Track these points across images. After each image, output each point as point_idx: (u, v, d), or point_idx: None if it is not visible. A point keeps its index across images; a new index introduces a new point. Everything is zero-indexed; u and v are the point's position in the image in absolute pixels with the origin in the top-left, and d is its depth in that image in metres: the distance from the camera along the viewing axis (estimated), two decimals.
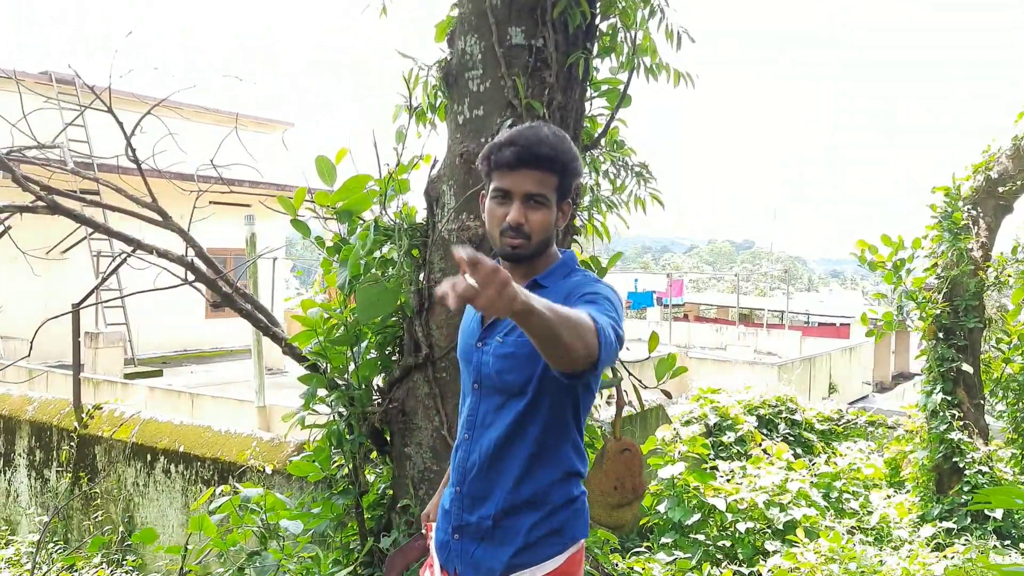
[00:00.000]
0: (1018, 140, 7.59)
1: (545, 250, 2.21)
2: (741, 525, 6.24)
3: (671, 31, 3.95)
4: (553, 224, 2.18)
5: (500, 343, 2.16)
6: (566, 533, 2.16)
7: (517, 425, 2.14)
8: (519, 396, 2.14)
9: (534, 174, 2.12)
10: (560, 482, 2.15)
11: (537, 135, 2.13)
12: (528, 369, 2.11)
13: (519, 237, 2.14)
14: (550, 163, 2.12)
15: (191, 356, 16.34)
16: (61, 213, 3.49)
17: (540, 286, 2.17)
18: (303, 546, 3.70)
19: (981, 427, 7.45)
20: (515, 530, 2.13)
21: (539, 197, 2.13)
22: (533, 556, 2.13)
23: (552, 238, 2.22)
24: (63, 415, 6.76)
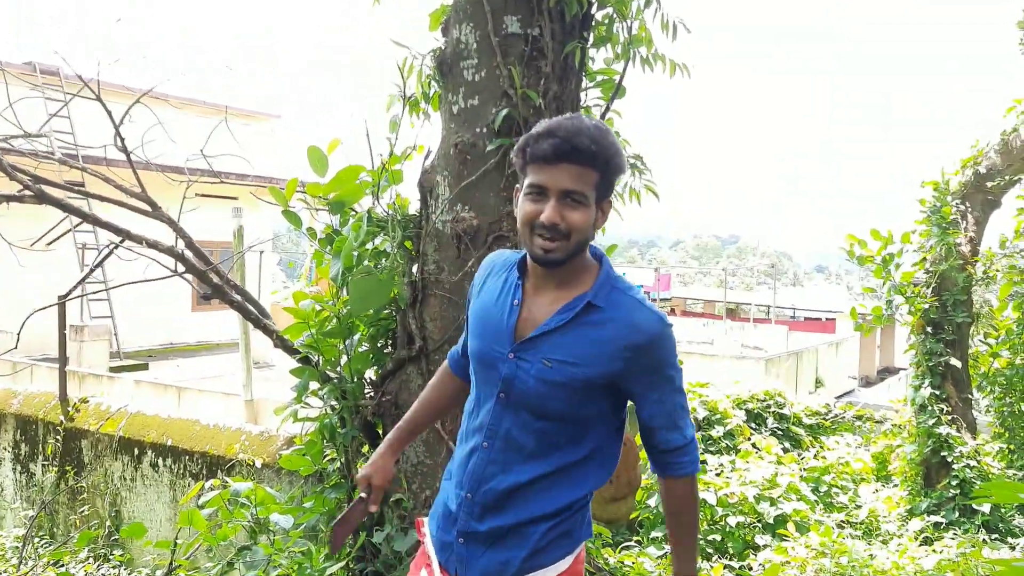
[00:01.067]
0: (1006, 135, 7.61)
1: (580, 254, 2.03)
2: (731, 519, 6.24)
3: (667, 22, 3.92)
4: (592, 225, 1.99)
5: (547, 367, 2.01)
6: (574, 535, 2.12)
7: (550, 448, 2.06)
8: (557, 421, 2.05)
9: (573, 169, 1.94)
10: (580, 501, 2.11)
11: (577, 126, 1.94)
12: (574, 401, 2.03)
13: (556, 239, 1.96)
14: (591, 157, 1.93)
15: (177, 349, 16.24)
16: (49, 203, 3.43)
17: (595, 307, 2.02)
18: (294, 541, 3.66)
19: (969, 421, 7.48)
20: (527, 535, 2.06)
21: (577, 195, 1.95)
22: (545, 558, 2.08)
23: (588, 242, 2.03)
24: (49, 408, 6.68)
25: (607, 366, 2.00)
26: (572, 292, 2.05)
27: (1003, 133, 7.60)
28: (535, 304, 2.08)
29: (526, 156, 1.99)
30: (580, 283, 2.05)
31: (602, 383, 2.02)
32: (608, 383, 2.02)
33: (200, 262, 3.76)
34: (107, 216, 3.92)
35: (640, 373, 2.02)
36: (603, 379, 2.01)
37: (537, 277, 2.10)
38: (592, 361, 2.00)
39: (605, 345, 2.00)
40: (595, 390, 2.03)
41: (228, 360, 14.45)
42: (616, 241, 4.36)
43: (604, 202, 2.03)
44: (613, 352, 1.99)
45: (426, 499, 3.51)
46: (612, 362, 1.99)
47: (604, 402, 2.07)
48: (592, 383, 2.01)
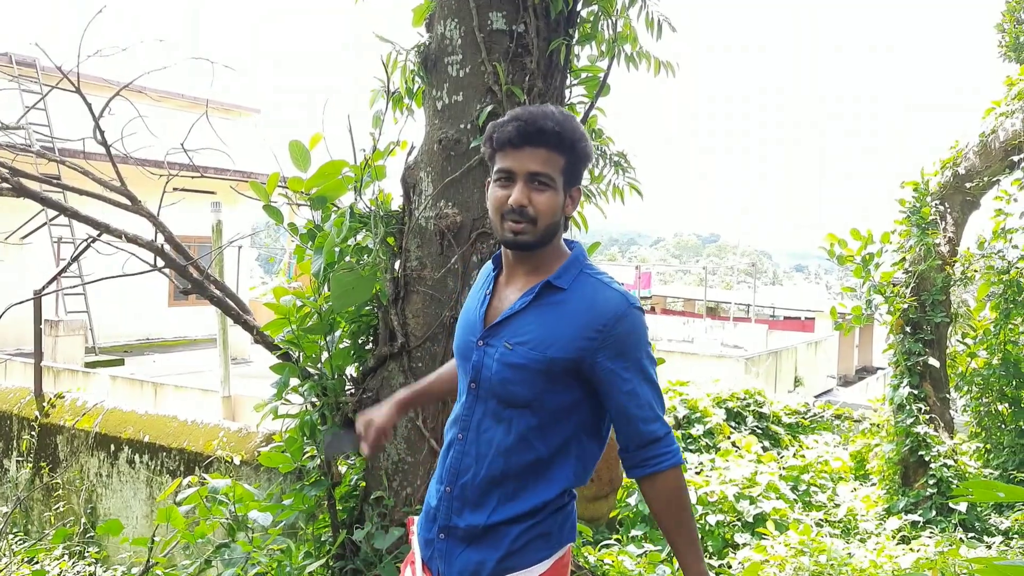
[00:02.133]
0: (985, 137, 7.66)
1: (552, 239, 2.05)
2: (711, 518, 6.25)
3: (652, 19, 3.91)
4: (560, 209, 2.02)
5: (508, 350, 2.02)
6: (553, 538, 2.07)
7: (519, 439, 2.03)
8: (523, 409, 2.03)
9: (539, 152, 1.98)
10: (557, 499, 2.05)
11: (542, 111, 2.00)
12: (537, 385, 2.00)
13: (522, 221, 1.99)
14: (556, 139, 1.98)
15: (154, 345, 16.09)
16: (28, 196, 3.38)
17: (555, 288, 2.03)
18: (274, 538, 3.63)
19: (947, 421, 7.53)
20: (501, 535, 2.04)
21: (544, 177, 1.99)
22: (520, 560, 2.05)
23: (559, 227, 2.06)
24: (23, 404, 6.60)
25: (567, 347, 1.97)
26: (540, 278, 2.06)
27: (981, 134, 7.65)
28: (505, 292, 2.12)
29: (493, 143, 2.03)
30: (549, 270, 2.07)
31: (564, 367, 1.98)
32: (572, 368, 1.98)
33: (180, 257, 3.72)
34: (84, 210, 3.87)
35: (605, 358, 1.96)
36: (565, 362, 1.97)
37: (510, 267, 2.13)
38: (552, 342, 1.99)
39: (566, 326, 1.99)
40: (558, 375, 1.99)
41: (205, 356, 14.34)
42: (597, 238, 4.35)
43: (573, 189, 2.06)
44: (574, 333, 1.97)
45: (406, 497, 3.49)
46: (573, 343, 1.97)
47: (572, 391, 2.01)
48: (553, 365, 1.98)
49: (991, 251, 8.19)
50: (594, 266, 2.11)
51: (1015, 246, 8.11)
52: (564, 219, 2.07)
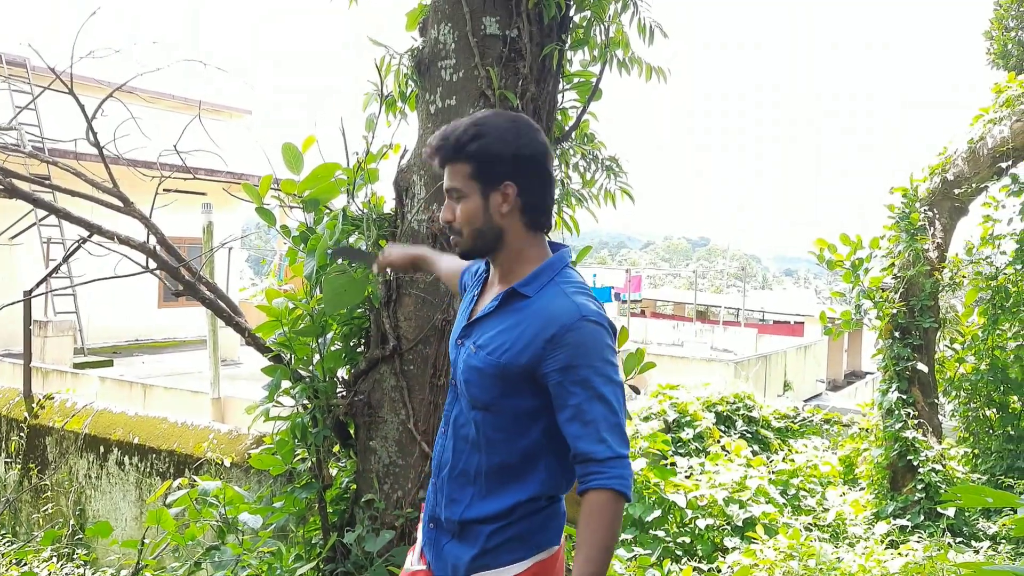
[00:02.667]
0: (973, 143, 7.70)
1: (495, 244, 2.09)
2: (701, 522, 6.27)
3: (643, 25, 3.93)
4: (481, 212, 2.05)
5: (472, 352, 2.08)
6: (530, 540, 2.07)
7: (486, 441, 2.07)
8: (484, 411, 2.07)
9: (448, 168, 2.09)
10: (527, 503, 2.06)
11: (442, 131, 2.10)
12: (494, 389, 2.04)
13: (455, 233, 2.11)
14: (449, 152, 2.05)
15: (143, 346, 16.03)
16: (20, 197, 3.37)
17: (520, 295, 2.06)
18: (264, 541, 3.63)
19: (935, 426, 7.56)
20: (476, 534, 2.08)
21: (455, 191, 2.08)
22: (493, 560, 2.07)
23: (495, 231, 2.07)
24: (12, 405, 6.57)
25: (520, 355, 1.99)
26: (510, 283, 2.10)
27: (970, 141, 7.69)
28: (488, 293, 2.19)
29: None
30: (519, 275, 2.10)
31: (518, 373, 1.99)
32: (525, 375, 1.99)
33: (172, 259, 3.71)
34: (75, 211, 3.86)
35: (553, 369, 1.95)
36: (518, 368, 1.99)
37: (492, 272, 2.20)
38: (507, 349, 2.01)
39: (521, 334, 2.00)
40: (513, 381, 2.01)
41: (195, 357, 14.29)
42: (586, 241, 4.36)
43: (502, 186, 2.04)
44: (527, 341, 1.98)
45: (397, 500, 3.49)
46: (525, 351, 1.98)
47: (533, 398, 2.02)
48: (507, 372, 2.00)
49: (979, 257, 8.24)
50: (572, 273, 2.11)
51: (1003, 252, 8.16)
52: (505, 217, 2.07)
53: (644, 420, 8.85)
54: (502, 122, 2.07)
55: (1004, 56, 12.64)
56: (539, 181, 2.08)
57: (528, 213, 2.08)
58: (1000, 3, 12.75)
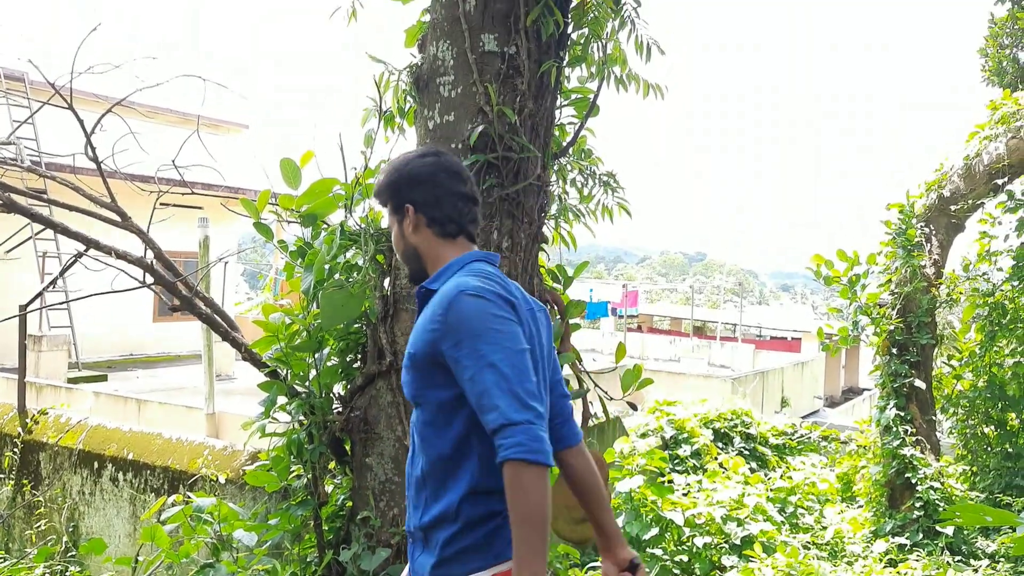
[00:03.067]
0: (969, 160, 7.71)
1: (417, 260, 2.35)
2: (699, 540, 6.23)
3: (641, 42, 3.94)
4: (400, 239, 2.36)
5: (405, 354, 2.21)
6: (488, 551, 2.07)
7: (423, 438, 2.16)
8: (417, 408, 2.19)
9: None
10: (469, 498, 2.07)
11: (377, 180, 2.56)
12: (416, 382, 2.16)
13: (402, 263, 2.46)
14: (377, 199, 2.42)
15: (137, 361, 15.98)
16: (18, 211, 3.36)
17: (430, 292, 2.24)
18: (259, 558, 3.60)
19: (933, 443, 7.54)
20: (434, 542, 2.12)
21: (389, 228, 2.42)
22: (451, 570, 2.09)
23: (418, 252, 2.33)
24: (6, 420, 6.53)
25: (419, 342, 2.12)
26: None
27: (966, 158, 7.70)
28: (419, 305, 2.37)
29: None
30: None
31: (424, 361, 2.11)
32: (431, 361, 2.09)
33: (169, 273, 3.70)
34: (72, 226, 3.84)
35: (447, 347, 2.04)
36: (422, 356, 2.11)
37: None
38: (413, 339, 2.16)
39: (421, 322, 2.16)
40: (425, 369, 2.11)
41: (189, 372, 14.25)
42: (583, 255, 4.35)
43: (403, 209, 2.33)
44: (423, 327, 2.12)
45: (393, 517, 3.47)
46: (423, 337, 2.11)
47: (449, 387, 2.08)
48: (416, 362, 2.13)
49: (976, 274, 8.24)
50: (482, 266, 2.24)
51: (1000, 269, 8.17)
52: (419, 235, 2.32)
53: (642, 437, 8.83)
54: (398, 157, 2.40)
55: (999, 73, 12.69)
56: (432, 195, 2.30)
57: (433, 224, 2.30)
58: (995, 21, 12.82)
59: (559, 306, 3.81)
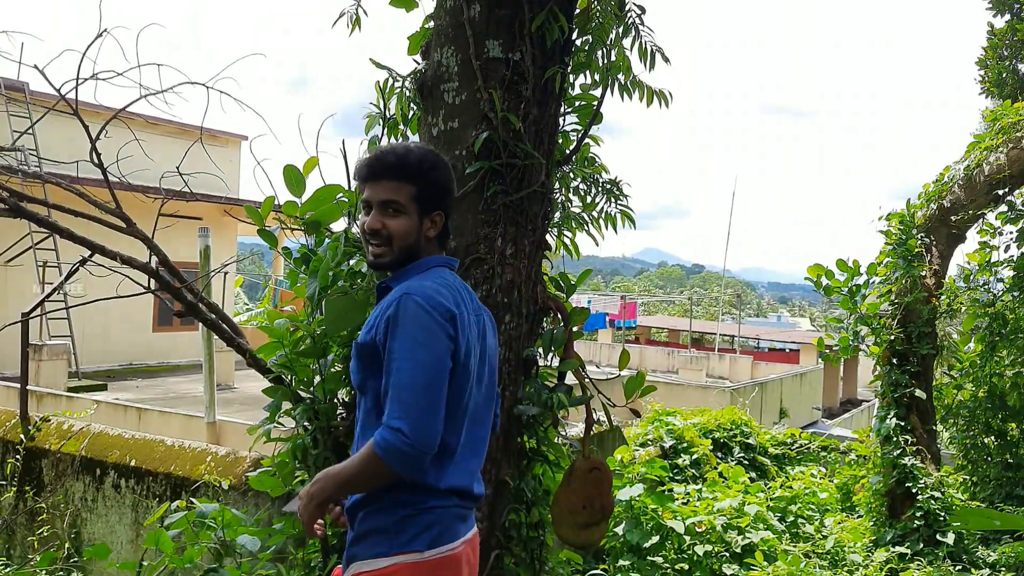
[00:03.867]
0: (970, 170, 7.73)
1: (411, 259, 2.31)
2: (699, 548, 6.22)
3: (645, 49, 3.95)
4: (415, 232, 2.29)
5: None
6: (395, 538, 2.13)
7: (362, 425, 2.27)
8: (361, 395, 2.28)
9: (389, 183, 2.27)
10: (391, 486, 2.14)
11: (391, 149, 2.32)
12: (360, 372, 2.24)
13: (380, 244, 2.28)
14: (402, 170, 2.27)
15: (137, 370, 15.99)
16: (26, 217, 3.38)
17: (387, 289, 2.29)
18: (262, 563, 3.60)
19: (933, 453, 7.53)
20: (353, 519, 2.22)
21: (395, 204, 2.27)
22: (359, 550, 2.18)
23: (417, 247, 2.31)
24: (8, 427, 6.53)
25: (367, 331, 2.22)
26: None
27: (967, 168, 7.71)
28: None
29: (358, 178, 2.35)
30: None
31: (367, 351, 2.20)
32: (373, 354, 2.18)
33: (174, 280, 3.71)
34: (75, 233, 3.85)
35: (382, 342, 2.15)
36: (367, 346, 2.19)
37: None
38: (364, 328, 2.25)
39: (372, 316, 2.25)
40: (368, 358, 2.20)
41: (189, 381, 14.26)
42: (582, 267, 4.35)
43: (433, 214, 2.32)
44: (373, 322, 2.22)
45: None
46: (370, 331, 2.21)
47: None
48: (362, 350, 2.22)
49: (976, 284, 8.26)
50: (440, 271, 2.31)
51: (1000, 279, 8.19)
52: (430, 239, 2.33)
53: (641, 446, 8.82)
54: (441, 158, 2.38)
55: (999, 84, 12.73)
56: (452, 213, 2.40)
57: (442, 237, 2.37)
58: (994, 32, 12.87)
59: (562, 314, 3.81)
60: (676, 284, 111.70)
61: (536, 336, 3.71)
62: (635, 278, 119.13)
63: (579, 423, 4.09)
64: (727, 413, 10.34)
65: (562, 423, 3.90)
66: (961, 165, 7.78)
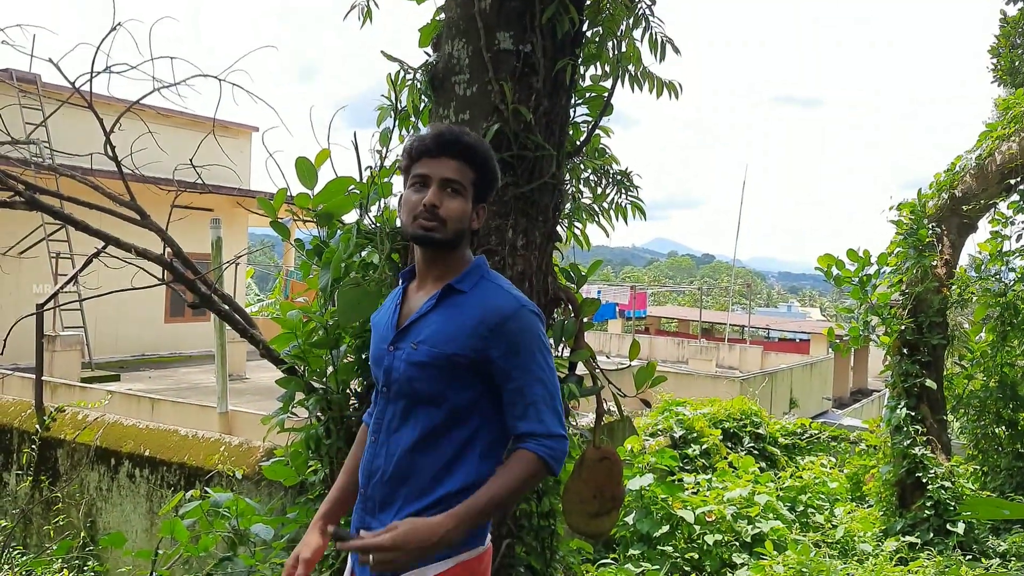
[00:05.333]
0: (981, 159, 7.71)
1: (459, 245, 2.20)
2: (709, 537, 6.25)
3: (655, 40, 3.95)
4: (469, 217, 2.19)
5: (414, 350, 2.15)
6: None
7: (425, 436, 2.13)
8: (429, 404, 2.14)
9: (453, 163, 2.16)
10: (453, 496, 2.08)
11: (460, 128, 2.24)
12: (441, 382, 2.12)
13: (434, 220, 2.13)
14: (470, 153, 2.18)
15: (149, 360, 16.07)
16: (41, 209, 3.40)
17: (456, 291, 2.17)
18: (276, 552, 3.64)
19: (944, 443, 7.54)
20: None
21: (456, 184, 2.16)
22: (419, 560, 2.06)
23: (466, 235, 2.21)
24: (24, 417, 6.59)
25: (465, 343, 2.09)
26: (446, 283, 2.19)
27: (978, 157, 7.69)
28: (414, 299, 2.26)
29: (412, 153, 2.21)
30: (454, 275, 2.20)
31: (464, 362, 2.09)
32: (469, 364, 2.09)
33: (188, 271, 3.74)
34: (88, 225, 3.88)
35: (498, 356, 2.08)
36: (464, 358, 2.09)
37: (421, 274, 2.27)
38: (451, 339, 2.11)
39: (464, 324, 2.11)
40: (459, 369, 2.10)
41: (201, 371, 14.32)
42: (592, 257, 4.36)
43: (479, 206, 2.23)
44: (471, 331, 2.09)
45: None
46: (470, 340, 2.09)
47: (473, 388, 2.12)
48: (454, 361, 2.09)
49: (987, 274, 8.24)
50: (496, 274, 2.25)
51: (1012, 269, 8.17)
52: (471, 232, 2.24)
53: (651, 436, 8.84)
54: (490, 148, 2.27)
55: (1012, 73, 12.64)
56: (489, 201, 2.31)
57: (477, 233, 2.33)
58: (1007, 20, 12.78)
59: (573, 304, 3.83)
60: (686, 274, 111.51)
61: (547, 327, 3.73)
62: (645, 268, 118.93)
63: (590, 413, 4.10)
64: (737, 403, 10.35)
65: (573, 413, 3.91)
66: (973, 154, 7.76)
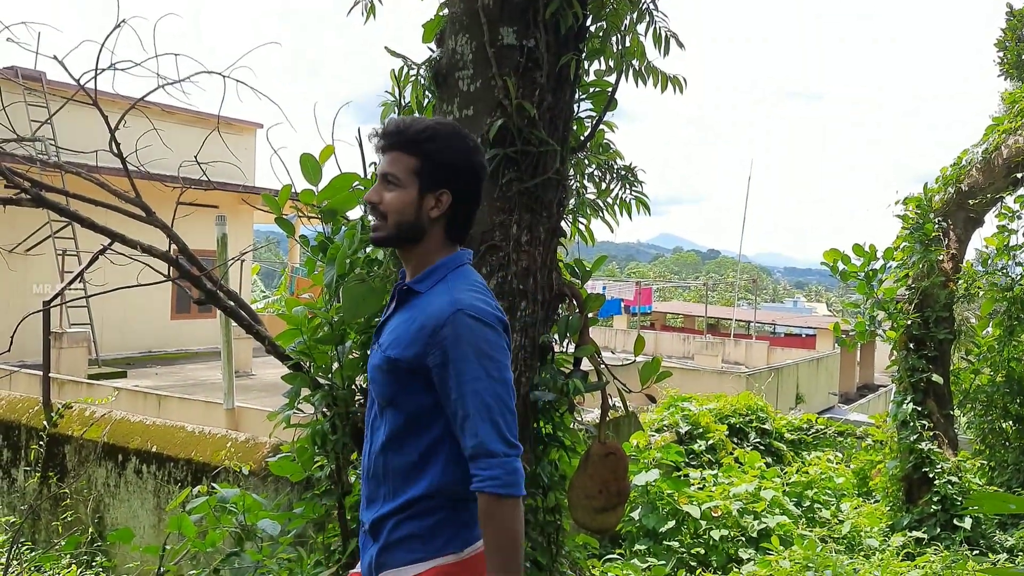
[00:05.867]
0: (988, 153, 7.68)
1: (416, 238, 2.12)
2: (715, 532, 6.25)
3: (659, 35, 3.95)
4: (413, 209, 2.09)
5: (377, 351, 2.14)
6: (431, 542, 2.06)
7: (391, 438, 2.11)
8: (389, 408, 2.12)
9: (391, 155, 2.11)
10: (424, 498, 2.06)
11: (398, 120, 2.16)
12: (392, 385, 2.08)
13: (377, 218, 2.11)
14: (399, 141, 2.10)
15: (156, 357, 16.12)
16: (47, 206, 3.41)
17: (413, 291, 2.12)
18: (283, 547, 3.65)
19: (951, 438, 7.52)
20: (380, 529, 2.11)
21: (391, 176, 2.10)
22: (391, 558, 2.08)
23: (420, 227, 2.11)
24: (32, 413, 6.62)
25: (407, 349, 2.03)
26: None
27: (985, 151, 7.67)
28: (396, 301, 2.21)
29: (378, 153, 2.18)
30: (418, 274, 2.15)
31: (407, 368, 2.03)
32: (413, 370, 2.03)
33: (193, 268, 3.75)
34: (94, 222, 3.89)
35: (434, 365, 1.99)
36: (404, 363, 2.03)
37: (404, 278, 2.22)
38: (397, 343, 2.07)
39: (408, 328, 2.06)
40: (404, 376, 2.05)
41: (207, 368, 14.37)
42: (596, 254, 4.36)
43: (438, 192, 2.10)
44: (412, 336, 2.03)
45: None
46: (412, 346, 2.03)
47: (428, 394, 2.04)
48: (398, 366, 2.04)
49: (994, 268, 8.22)
50: (469, 271, 2.16)
51: (1019, 263, 8.14)
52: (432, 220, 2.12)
53: (657, 431, 8.85)
54: (456, 132, 2.16)
55: (1018, 66, 12.58)
56: (472, 197, 2.17)
57: (452, 223, 2.14)
58: (1014, 13, 12.72)
59: (578, 300, 3.83)
60: (691, 269, 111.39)
61: (552, 322, 3.73)
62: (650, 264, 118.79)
63: (595, 409, 4.11)
64: (743, 399, 10.34)
65: (578, 409, 3.92)
66: (979, 148, 7.74)
